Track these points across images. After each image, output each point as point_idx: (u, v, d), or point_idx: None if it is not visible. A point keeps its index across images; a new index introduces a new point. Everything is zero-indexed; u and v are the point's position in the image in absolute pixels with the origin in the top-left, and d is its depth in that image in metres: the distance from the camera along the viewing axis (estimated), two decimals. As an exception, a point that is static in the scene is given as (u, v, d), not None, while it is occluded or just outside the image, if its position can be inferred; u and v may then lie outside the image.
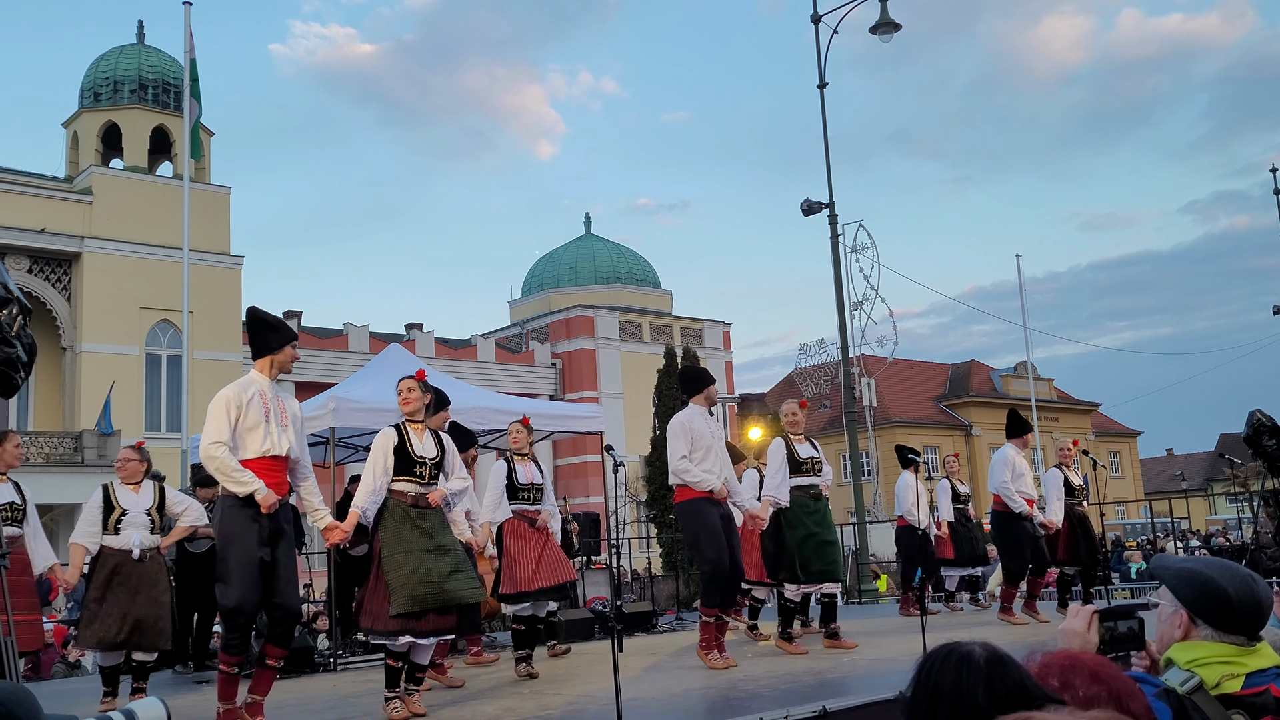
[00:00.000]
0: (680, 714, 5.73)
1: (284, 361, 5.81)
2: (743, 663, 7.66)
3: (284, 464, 5.70)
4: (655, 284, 49.33)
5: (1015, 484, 9.73)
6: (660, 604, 15.85)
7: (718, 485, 7.42)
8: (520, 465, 7.94)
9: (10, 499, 7.21)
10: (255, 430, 5.59)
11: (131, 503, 7.61)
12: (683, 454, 7.46)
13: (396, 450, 6.21)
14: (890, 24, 17.52)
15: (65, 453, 28.41)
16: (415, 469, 6.22)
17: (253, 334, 5.86)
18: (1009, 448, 10.04)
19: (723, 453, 7.68)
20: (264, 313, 5.94)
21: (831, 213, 17.43)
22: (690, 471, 7.44)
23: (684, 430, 7.53)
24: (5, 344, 4.92)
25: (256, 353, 5.83)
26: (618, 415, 40.26)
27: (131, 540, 7.48)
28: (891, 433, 45.91)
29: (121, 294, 30.66)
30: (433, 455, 6.34)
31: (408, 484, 6.19)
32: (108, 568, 7.43)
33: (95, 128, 33.54)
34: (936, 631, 7.76)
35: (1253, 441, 12.02)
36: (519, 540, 7.72)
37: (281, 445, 5.65)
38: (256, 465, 5.56)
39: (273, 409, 5.67)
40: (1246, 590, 2.26)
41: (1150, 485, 58.71)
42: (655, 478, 25.32)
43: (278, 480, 5.63)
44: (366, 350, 35.74)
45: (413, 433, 6.34)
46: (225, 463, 5.47)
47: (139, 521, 7.56)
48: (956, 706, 1.71)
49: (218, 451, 5.48)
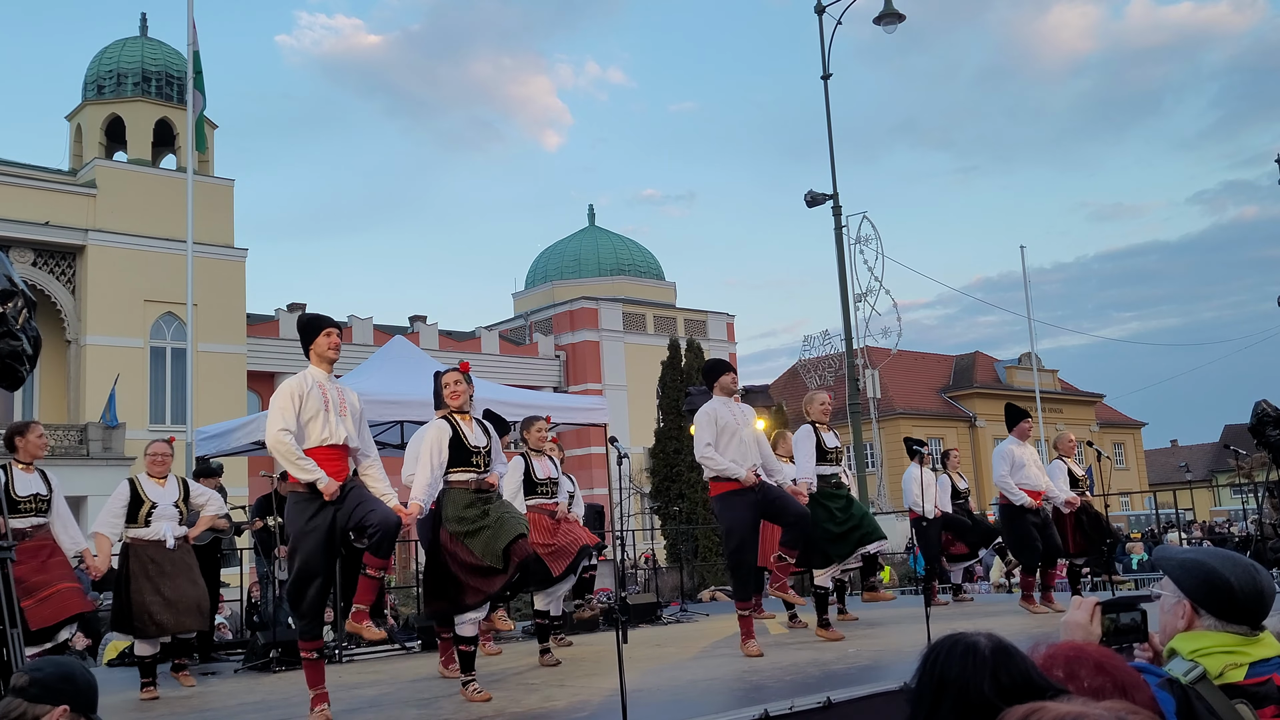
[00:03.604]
0: (685, 706, 5.74)
1: (323, 350, 6.00)
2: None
3: (343, 452, 5.89)
4: (659, 276, 49.31)
5: (1016, 476, 9.78)
6: (665, 596, 15.87)
7: (743, 473, 7.37)
8: (537, 461, 8.14)
9: (36, 490, 7.24)
10: (314, 420, 5.79)
11: (159, 496, 7.78)
12: (707, 442, 7.46)
13: (452, 442, 6.36)
14: (895, 15, 17.47)
15: (70, 445, 28.47)
16: (472, 459, 6.42)
17: (300, 337, 6.13)
18: (1009, 441, 10.14)
19: (751, 437, 7.63)
20: (302, 315, 6.25)
21: (835, 204, 17.41)
22: (714, 459, 7.42)
23: (708, 419, 7.52)
24: (10, 337, 4.92)
25: (305, 351, 6.08)
26: (622, 407, 40.27)
27: (163, 531, 7.67)
28: (896, 424, 45.89)
29: (126, 286, 30.69)
30: (484, 444, 6.53)
31: (466, 473, 6.39)
32: (142, 559, 7.57)
33: (99, 120, 33.54)
34: (942, 622, 7.76)
35: (1257, 432, 11.98)
36: (540, 529, 7.88)
37: (339, 434, 5.84)
38: (317, 454, 5.74)
39: (331, 399, 5.88)
40: (1249, 580, 2.27)
41: (1155, 477, 58.69)
42: (659, 469, 25.33)
43: (338, 468, 5.80)
44: (371, 342, 35.77)
45: (462, 423, 6.49)
46: (290, 449, 5.65)
47: (168, 514, 7.76)
48: (962, 697, 1.71)
49: (284, 438, 5.67)
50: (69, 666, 2.78)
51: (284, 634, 9.49)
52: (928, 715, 1.75)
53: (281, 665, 8.78)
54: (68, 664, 2.82)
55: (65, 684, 2.67)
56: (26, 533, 7.01)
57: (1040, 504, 9.81)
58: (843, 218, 17.62)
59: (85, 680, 2.74)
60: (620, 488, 6.63)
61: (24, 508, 7.06)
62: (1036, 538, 9.71)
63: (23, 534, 6.92)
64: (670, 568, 20.67)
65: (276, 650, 9.02)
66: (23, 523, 7.00)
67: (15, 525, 6.72)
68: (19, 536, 6.72)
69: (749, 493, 7.40)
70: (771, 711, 4.99)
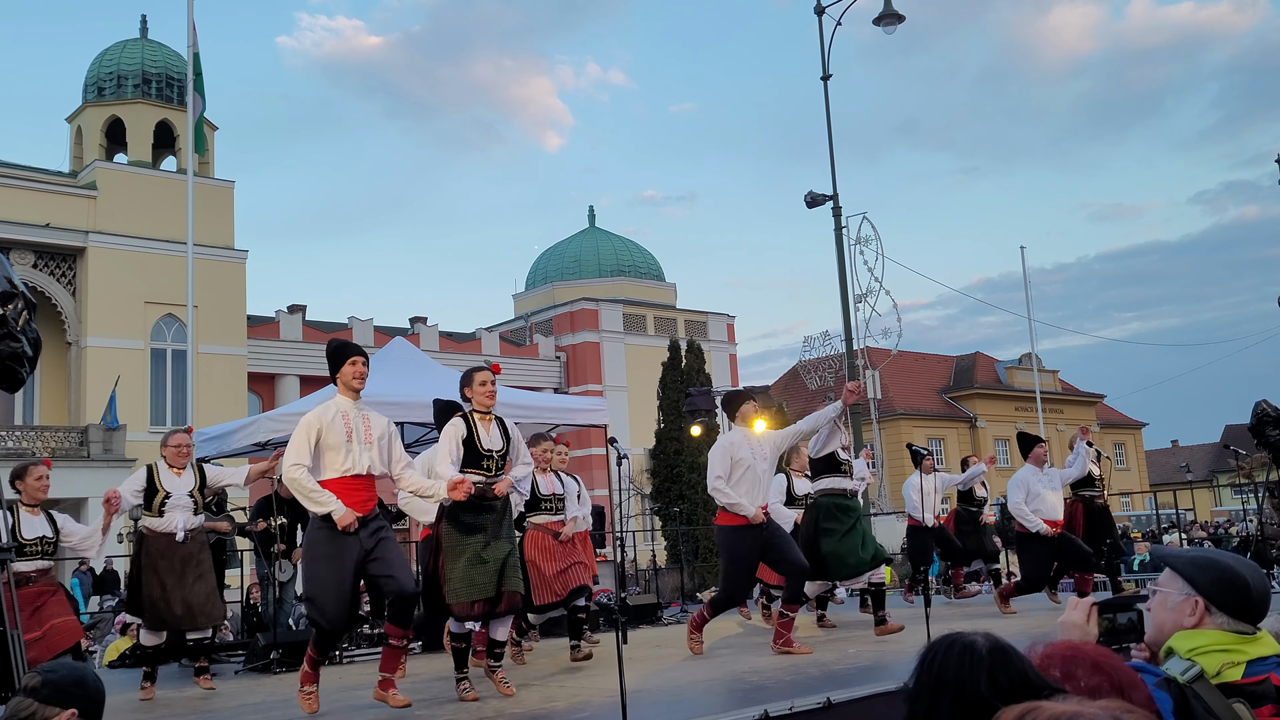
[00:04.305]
0: (685, 706, 5.74)
1: (348, 378, 6.03)
2: (747, 654, 7.71)
3: (367, 481, 5.89)
4: (659, 276, 49.31)
5: (1031, 504, 9.85)
6: (665, 596, 15.87)
7: (752, 511, 7.45)
8: (541, 476, 8.03)
9: (41, 533, 7.12)
10: (336, 450, 5.81)
11: (175, 485, 7.71)
12: (718, 474, 7.57)
13: (465, 442, 6.33)
14: (894, 15, 17.48)
15: (71, 447, 28.48)
16: (482, 461, 6.37)
17: (328, 363, 6.15)
18: (1025, 469, 10.20)
19: (767, 473, 7.73)
20: (331, 342, 6.25)
21: (835, 205, 17.41)
22: (725, 493, 7.53)
23: (723, 452, 7.64)
24: (11, 338, 4.93)
25: (333, 378, 6.11)
26: (622, 408, 40.28)
27: (175, 523, 7.60)
28: (896, 425, 45.90)
29: (126, 288, 30.70)
30: (499, 447, 6.46)
31: (474, 475, 6.32)
32: (152, 552, 7.55)
33: (99, 122, 33.56)
34: (940, 623, 7.77)
35: (1257, 432, 11.98)
36: (543, 551, 7.80)
37: (362, 464, 5.85)
38: (337, 484, 5.76)
39: (355, 428, 5.88)
40: (1260, 579, 2.28)
41: (1155, 477, 58.65)
42: (660, 470, 25.33)
43: (361, 499, 5.81)
44: (371, 344, 35.76)
45: (480, 424, 6.45)
46: (303, 484, 5.71)
47: (183, 503, 7.69)
48: (959, 697, 1.71)
49: (297, 473, 5.71)
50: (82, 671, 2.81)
51: (284, 635, 9.51)
52: (925, 715, 1.75)
53: (282, 666, 8.78)
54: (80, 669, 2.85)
55: (77, 688, 2.69)
56: (30, 577, 6.89)
57: (1058, 531, 9.86)
58: (843, 218, 17.64)
59: (96, 687, 2.77)
60: (620, 489, 6.64)
61: (30, 550, 6.94)
62: (1049, 569, 9.80)
63: (26, 578, 6.78)
64: (670, 568, 20.67)
65: (277, 651, 9.02)
66: (27, 566, 6.88)
67: (19, 568, 6.56)
68: (22, 581, 6.56)
69: (755, 531, 7.48)
70: (771, 712, 5.00)
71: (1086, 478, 10.91)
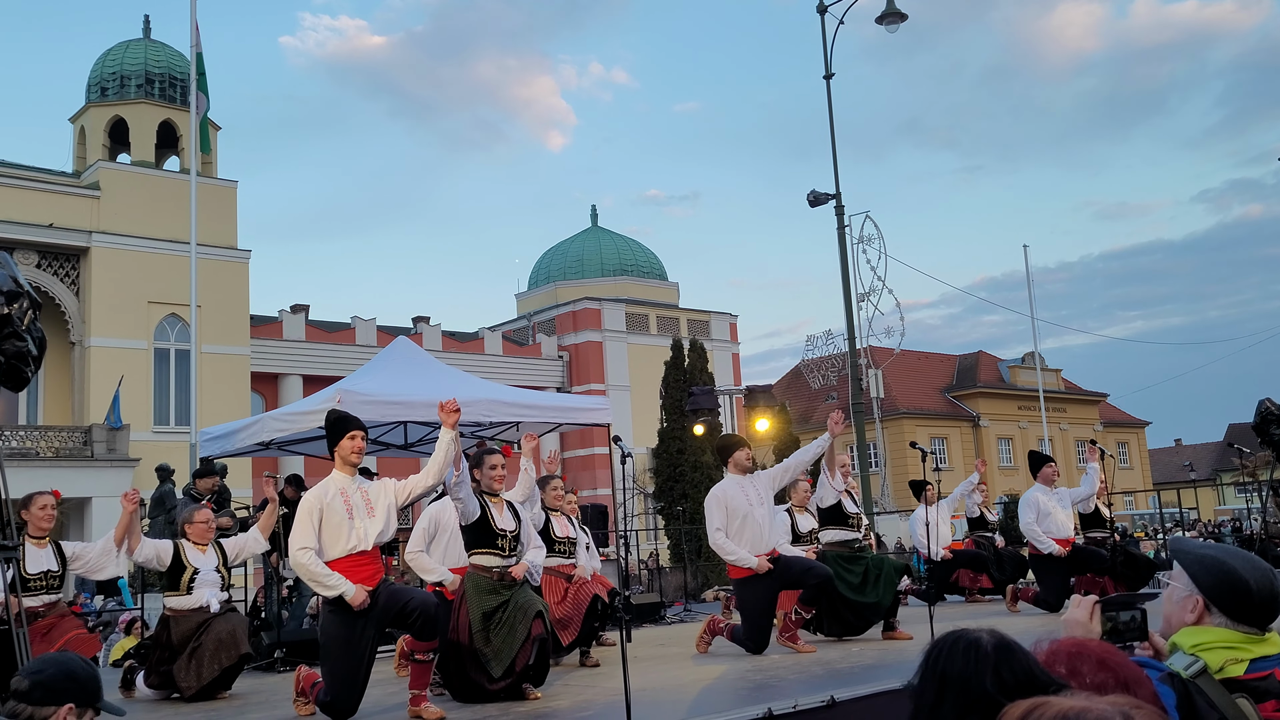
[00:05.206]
0: (689, 705, 5.74)
1: (345, 453, 5.94)
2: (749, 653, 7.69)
3: (372, 555, 5.87)
4: (662, 276, 49.27)
5: (1042, 524, 9.82)
6: (668, 595, 15.87)
7: (755, 563, 7.59)
8: (555, 520, 7.99)
9: (47, 567, 6.96)
10: (339, 530, 5.78)
11: (201, 562, 7.55)
12: (717, 527, 7.67)
13: (478, 523, 6.36)
14: (897, 14, 17.47)
15: (75, 447, 28.51)
16: (497, 541, 6.38)
17: (326, 434, 6.08)
18: (1035, 489, 10.17)
19: (765, 516, 7.80)
20: (331, 412, 6.17)
21: (838, 204, 17.41)
22: (727, 550, 7.66)
23: (718, 504, 7.72)
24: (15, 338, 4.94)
25: (330, 451, 6.04)
26: (625, 407, 40.25)
27: (205, 598, 7.43)
28: (899, 424, 45.88)
29: (129, 288, 30.71)
30: (512, 528, 6.49)
31: (490, 557, 6.34)
32: (183, 628, 7.26)
33: (102, 123, 33.57)
34: (945, 621, 7.76)
35: (1261, 430, 11.94)
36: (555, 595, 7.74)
37: (368, 540, 5.82)
38: (344, 564, 5.74)
39: (355, 504, 5.84)
40: (1267, 584, 2.27)
41: (1159, 476, 58.61)
42: (663, 470, 25.30)
43: (369, 573, 5.80)
44: (374, 343, 35.77)
45: (492, 505, 6.48)
46: (311, 568, 5.69)
47: (210, 579, 7.52)
48: (964, 693, 1.71)
49: (304, 558, 5.69)
50: (68, 664, 2.74)
51: (288, 634, 9.52)
52: (930, 711, 1.75)
53: (285, 666, 8.78)
54: (66, 661, 2.76)
55: (68, 682, 2.64)
56: (39, 612, 6.79)
57: (1069, 549, 9.84)
58: (846, 217, 17.63)
59: (86, 673, 2.70)
60: (624, 488, 6.64)
61: (34, 585, 6.79)
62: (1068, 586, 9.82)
63: (35, 614, 6.67)
64: (674, 568, 20.65)
65: (280, 650, 9.03)
66: (34, 600, 6.74)
67: (27, 604, 6.37)
68: (31, 616, 6.43)
69: (765, 578, 7.63)
70: (775, 710, 5.00)
71: (1095, 515, 10.78)
